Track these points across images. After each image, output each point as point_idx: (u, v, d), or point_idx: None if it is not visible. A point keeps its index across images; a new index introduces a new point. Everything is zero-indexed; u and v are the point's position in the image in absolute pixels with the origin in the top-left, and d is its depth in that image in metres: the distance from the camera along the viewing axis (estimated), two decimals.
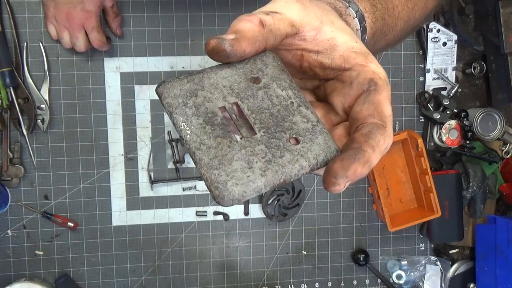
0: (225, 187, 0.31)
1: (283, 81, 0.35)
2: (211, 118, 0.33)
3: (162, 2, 0.97)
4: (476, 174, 1.03)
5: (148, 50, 0.97)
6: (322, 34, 0.35)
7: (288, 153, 0.33)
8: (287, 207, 1.02)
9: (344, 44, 0.35)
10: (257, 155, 0.32)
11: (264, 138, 0.33)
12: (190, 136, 0.32)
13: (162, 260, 1.00)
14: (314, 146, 0.33)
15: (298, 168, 0.32)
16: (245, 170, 0.32)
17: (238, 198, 0.31)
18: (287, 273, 1.05)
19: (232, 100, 0.34)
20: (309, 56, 0.36)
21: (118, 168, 0.98)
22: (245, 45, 0.32)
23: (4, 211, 0.95)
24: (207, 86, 0.34)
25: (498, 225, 1.02)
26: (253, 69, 0.35)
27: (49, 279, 0.97)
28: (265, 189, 0.32)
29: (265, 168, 0.32)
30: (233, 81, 0.34)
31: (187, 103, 0.33)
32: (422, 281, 1.07)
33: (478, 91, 1.08)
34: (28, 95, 0.93)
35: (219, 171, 0.31)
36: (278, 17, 0.33)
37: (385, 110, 0.34)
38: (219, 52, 0.32)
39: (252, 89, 0.34)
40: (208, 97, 0.33)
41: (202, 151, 0.32)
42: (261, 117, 0.34)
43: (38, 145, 0.95)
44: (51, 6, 0.87)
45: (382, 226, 1.07)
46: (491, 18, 0.99)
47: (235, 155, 0.32)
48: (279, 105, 0.34)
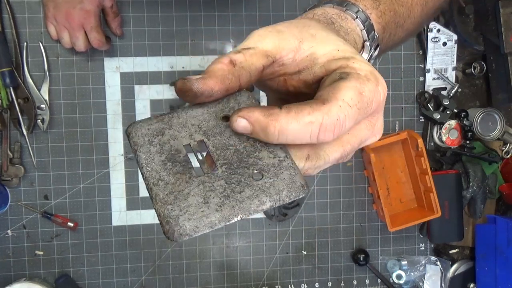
0: (176, 221, 0.31)
1: None
2: (174, 156, 0.33)
3: (162, 2, 0.97)
4: (476, 174, 1.03)
5: (148, 50, 0.97)
6: (300, 53, 0.34)
7: (249, 188, 0.32)
8: (287, 207, 1.02)
9: (324, 55, 0.34)
10: (215, 190, 0.32)
11: (225, 173, 0.33)
12: (149, 173, 0.33)
13: (162, 260, 1.00)
14: (277, 181, 0.32)
15: (257, 203, 0.32)
16: (200, 205, 0.31)
17: (188, 233, 0.31)
18: (287, 273, 1.05)
19: (199, 138, 0.34)
20: (292, 79, 0.36)
21: (118, 168, 0.98)
22: (212, 83, 0.32)
23: (4, 211, 0.95)
24: (175, 125, 0.34)
25: (498, 225, 1.02)
26: (225, 108, 0.35)
27: (49, 279, 0.97)
28: (219, 224, 0.31)
29: (222, 204, 0.31)
30: (202, 120, 0.34)
31: (152, 141, 0.34)
32: (422, 281, 1.07)
33: (478, 91, 1.08)
34: (28, 95, 0.93)
35: (172, 206, 0.31)
36: (250, 53, 0.33)
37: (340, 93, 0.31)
38: (186, 92, 0.32)
39: (220, 127, 0.34)
40: (175, 136, 0.34)
41: (159, 187, 0.32)
42: (225, 154, 0.33)
43: (38, 145, 0.95)
44: (51, 6, 0.87)
45: (382, 226, 1.07)
46: (491, 18, 0.99)
47: (192, 190, 0.32)
48: (246, 141, 0.34)
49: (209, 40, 0.99)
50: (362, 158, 1.05)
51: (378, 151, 1.01)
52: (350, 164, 1.05)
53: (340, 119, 0.31)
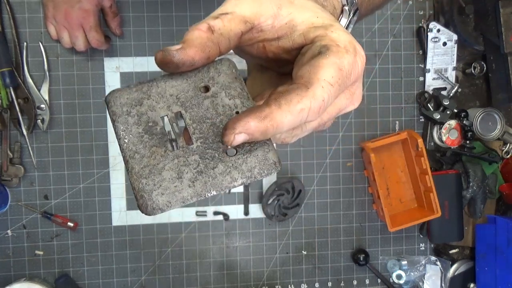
0: (149, 196, 0.31)
1: (233, 89, 0.34)
2: (151, 127, 0.33)
3: (162, 2, 0.97)
4: (476, 174, 1.03)
5: (148, 50, 0.97)
6: (279, 19, 0.34)
7: (222, 164, 0.32)
8: (287, 207, 1.02)
9: (303, 22, 0.34)
10: (189, 165, 0.32)
11: (200, 148, 0.33)
12: (126, 145, 0.32)
13: (162, 260, 1.00)
14: (251, 158, 0.32)
15: (229, 180, 0.32)
16: (173, 180, 0.31)
17: (161, 208, 0.31)
18: (287, 273, 1.05)
19: (176, 109, 0.33)
20: (270, 45, 0.35)
21: (118, 168, 0.98)
22: (192, 52, 0.32)
23: (4, 211, 0.95)
24: (154, 95, 0.34)
25: (498, 225, 1.02)
26: (205, 77, 0.34)
27: (49, 279, 0.97)
28: (191, 199, 0.32)
29: (195, 179, 0.32)
30: (181, 90, 0.34)
31: (130, 112, 0.33)
32: (422, 281, 1.07)
33: (478, 91, 1.08)
34: (28, 95, 0.93)
35: (147, 180, 0.31)
36: (228, 18, 0.33)
37: (320, 73, 0.31)
38: (167, 64, 0.32)
39: (198, 98, 0.34)
40: (153, 106, 0.33)
41: (135, 160, 0.32)
42: (201, 127, 0.33)
43: (38, 145, 0.95)
44: (50, 6, 0.87)
45: (382, 226, 1.07)
46: (491, 18, 0.99)
47: (166, 164, 0.32)
48: (223, 114, 0.33)
49: None
50: (362, 158, 1.05)
51: (378, 151, 1.01)
52: (350, 164, 1.05)
53: (324, 99, 0.31)
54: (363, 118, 1.04)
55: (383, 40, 1.04)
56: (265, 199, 1.01)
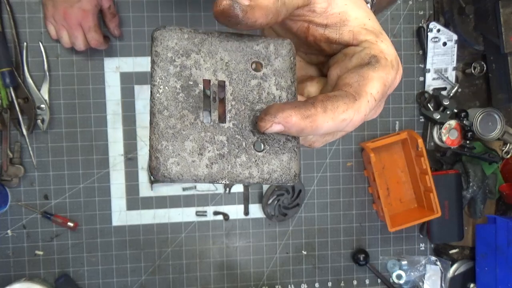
0: (164, 161, 0.29)
1: (284, 79, 0.32)
2: (190, 87, 0.30)
3: (162, 2, 0.97)
4: (476, 174, 1.03)
5: (148, 50, 0.97)
6: (333, 6, 0.33)
7: (246, 156, 0.30)
8: (287, 207, 1.02)
9: (356, 19, 0.33)
10: (214, 144, 0.30)
11: (230, 130, 0.30)
12: (159, 96, 0.30)
13: (162, 260, 1.00)
14: (274, 160, 0.31)
15: (246, 175, 0.30)
16: (193, 154, 0.29)
17: (172, 178, 0.29)
18: (287, 273, 1.05)
19: (222, 77, 0.31)
20: (316, 29, 0.34)
21: (118, 168, 0.98)
22: (258, 14, 0.29)
23: (4, 211, 0.95)
24: (204, 51, 0.31)
25: (498, 225, 1.02)
26: (261, 54, 0.32)
27: (49, 279, 0.97)
28: (203, 180, 0.30)
29: (214, 161, 0.30)
30: (233, 58, 0.31)
31: (174, 61, 0.30)
32: (422, 281, 1.07)
33: (478, 91, 1.08)
34: (28, 95, 0.93)
35: (167, 143, 0.29)
36: None
37: (368, 86, 0.31)
38: (229, 16, 0.29)
39: (247, 75, 0.32)
40: (199, 64, 0.31)
41: (162, 116, 0.29)
42: (239, 107, 0.31)
43: (38, 145, 0.95)
44: (50, 5, 0.87)
45: (382, 226, 1.06)
46: (491, 18, 0.99)
47: (192, 134, 0.30)
48: (265, 103, 0.31)
49: None
50: (362, 158, 1.05)
51: (378, 151, 1.01)
52: (350, 164, 1.05)
53: (366, 114, 0.31)
54: None
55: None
56: (265, 199, 1.01)
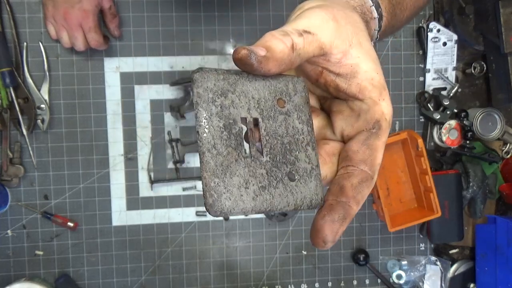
0: (219, 198, 0.31)
1: (304, 114, 0.35)
2: (231, 125, 0.33)
3: (162, 2, 0.97)
4: (476, 174, 1.03)
5: (148, 50, 0.97)
6: (347, 57, 0.35)
7: (282, 186, 0.33)
8: None
9: (365, 73, 0.35)
10: (256, 177, 0.33)
11: (268, 164, 0.33)
12: (206, 135, 0.32)
13: (162, 260, 1.00)
14: (305, 188, 0.34)
15: (284, 204, 0.33)
16: (241, 189, 0.32)
17: (225, 212, 0.31)
18: (287, 273, 1.05)
19: (255, 114, 0.34)
20: (328, 75, 0.36)
21: (118, 168, 0.98)
22: (271, 65, 0.32)
23: (4, 211, 0.95)
24: (238, 91, 0.33)
25: (498, 225, 1.02)
26: (284, 91, 0.35)
27: (49, 279, 0.97)
28: (250, 212, 0.32)
29: (258, 193, 0.32)
30: (262, 96, 0.34)
31: (215, 101, 0.32)
32: (422, 281, 1.07)
33: (478, 91, 1.08)
34: (28, 95, 0.93)
35: (219, 180, 0.31)
36: (309, 40, 0.33)
37: (378, 158, 0.36)
38: (245, 64, 0.32)
39: (275, 111, 0.35)
40: (236, 103, 0.33)
41: (212, 154, 0.31)
42: (272, 142, 0.34)
43: (38, 145, 0.95)
44: (50, 5, 0.87)
45: (382, 226, 1.06)
46: (491, 18, 0.99)
47: (238, 170, 0.32)
48: (292, 136, 0.35)
49: (209, 40, 0.99)
50: None
51: None
52: None
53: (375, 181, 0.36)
54: None
55: (383, 40, 1.04)
56: None
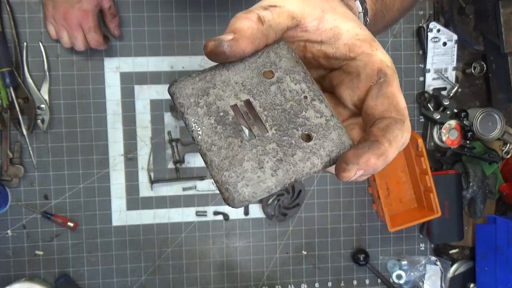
0: (235, 188, 0.31)
1: (297, 74, 0.34)
2: (223, 118, 0.33)
3: (162, 2, 0.97)
4: (476, 174, 1.03)
5: (148, 50, 0.97)
6: (324, 23, 0.34)
7: (300, 150, 0.32)
8: (287, 207, 1.02)
9: (348, 32, 0.34)
10: (268, 154, 0.32)
11: (275, 136, 0.33)
12: (201, 137, 0.32)
13: (162, 260, 1.00)
14: (327, 142, 0.33)
15: (309, 166, 0.32)
16: (255, 171, 0.32)
17: (248, 200, 0.31)
18: (287, 273, 1.05)
19: (244, 97, 0.33)
20: (312, 46, 0.35)
21: (118, 168, 0.98)
22: (244, 44, 0.32)
23: (4, 211, 0.95)
24: (218, 83, 0.33)
25: (498, 225, 1.02)
26: (266, 62, 0.34)
27: (49, 279, 0.97)
28: (276, 189, 0.32)
29: (276, 168, 0.32)
30: (246, 77, 0.33)
31: (198, 103, 0.33)
32: (422, 281, 1.07)
33: (478, 91, 1.08)
34: (28, 95, 0.93)
35: (229, 172, 0.31)
36: (277, 11, 0.33)
37: (400, 102, 0.33)
38: (217, 54, 0.31)
39: (265, 84, 0.34)
40: (220, 95, 0.33)
41: (213, 152, 0.32)
42: (273, 114, 0.33)
43: (38, 145, 0.95)
44: (50, 5, 0.87)
45: (382, 226, 1.06)
46: (491, 18, 0.99)
47: (246, 155, 0.32)
48: (292, 100, 0.33)
49: None
50: None
51: None
52: None
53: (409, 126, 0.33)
54: None
55: (383, 40, 1.04)
56: (265, 199, 1.01)
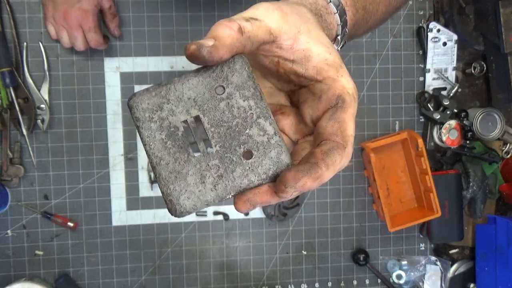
0: (177, 201, 0.34)
1: (247, 90, 0.35)
2: (173, 133, 0.35)
3: (162, 2, 0.97)
4: (476, 174, 1.03)
5: (148, 50, 0.97)
6: (298, 43, 0.36)
7: (240, 167, 0.35)
8: (287, 207, 1.02)
9: (318, 55, 0.36)
10: (210, 169, 0.35)
11: (219, 152, 0.35)
12: (152, 151, 0.35)
13: (162, 260, 1.00)
14: (265, 160, 0.35)
15: (247, 182, 0.35)
16: (197, 185, 0.34)
17: (188, 211, 0.34)
18: (287, 273, 1.05)
19: (195, 113, 0.35)
20: (285, 63, 0.37)
21: (118, 168, 0.98)
22: (222, 52, 0.33)
23: (4, 211, 0.95)
24: (172, 99, 0.35)
25: (498, 225, 1.02)
26: (219, 77, 0.35)
27: (49, 279, 0.97)
28: (214, 202, 0.35)
29: (216, 183, 0.35)
30: (198, 92, 0.35)
31: (152, 118, 0.35)
32: (422, 281, 1.07)
33: (478, 91, 1.08)
34: (28, 95, 0.93)
35: (174, 185, 0.34)
36: (257, 24, 0.34)
37: (348, 129, 0.35)
38: (197, 58, 0.33)
39: (214, 101, 0.35)
40: (172, 111, 0.35)
41: (161, 166, 0.34)
42: (219, 131, 0.35)
43: (38, 145, 0.95)
44: (50, 5, 0.87)
45: (382, 226, 1.06)
46: (491, 18, 0.99)
47: (190, 170, 0.35)
48: (238, 117, 0.35)
49: None
50: (362, 158, 1.05)
51: (378, 151, 1.01)
52: (350, 164, 1.05)
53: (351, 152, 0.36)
54: (363, 118, 1.04)
55: (383, 40, 1.04)
56: None
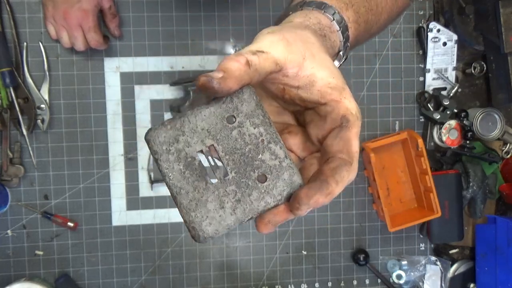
0: (200, 227, 0.37)
1: (256, 117, 0.38)
2: (190, 163, 0.37)
3: (162, 2, 0.97)
4: (476, 174, 1.03)
5: (148, 50, 0.97)
6: (303, 70, 0.38)
7: (256, 191, 0.37)
8: None
9: (322, 80, 0.38)
10: (228, 195, 0.37)
11: (235, 178, 0.37)
12: (172, 182, 0.37)
13: (162, 260, 1.00)
14: (279, 182, 0.37)
15: (263, 204, 0.37)
16: (217, 211, 0.37)
17: (211, 236, 0.37)
18: (287, 273, 1.05)
19: (209, 142, 0.37)
20: (290, 90, 0.39)
21: (118, 168, 0.98)
22: (231, 83, 0.35)
23: (4, 211, 0.95)
24: (187, 131, 0.37)
25: (498, 225, 1.02)
26: (230, 108, 0.37)
27: (49, 279, 0.97)
28: (234, 225, 0.37)
29: (235, 207, 0.37)
30: (211, 123, 0.37)
31: (170, 150, 0.37)
32: (422, 281, 1.07)
33: (478, 91, 1.08)
34: (28, 95, 0.93)
35: (195, 213, 0.37)
36: (263, 57, 0.36)
37: (353, 146, 0.38)
38: (208, 89, 0.35)
39: (227, 130, 0.37)
40: (188, 142, 0.37)
41: (181, 195, 0.37)
42: (233, 158, 0.37)
43: (38, 145, 0.95)
44: (50, 6, 0.87)
45: (382, 226, 1.06)
46: (491, 18, 0.99)
47: (209, 197, 0.37)
48: (250, 143, 0.37)
49: (209, 40, 0.99)
50: (362, 158, 1.05)
51: (378, 151, 1.01)
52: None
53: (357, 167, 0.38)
54: (363, 118, 1.04)
55: (383, 40, 1.04)
56: None
